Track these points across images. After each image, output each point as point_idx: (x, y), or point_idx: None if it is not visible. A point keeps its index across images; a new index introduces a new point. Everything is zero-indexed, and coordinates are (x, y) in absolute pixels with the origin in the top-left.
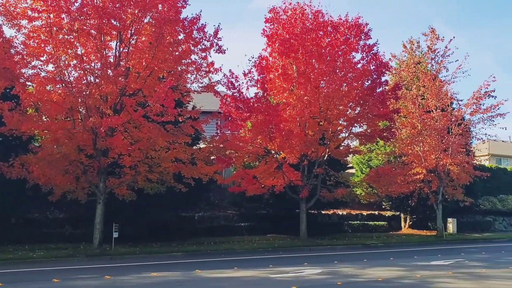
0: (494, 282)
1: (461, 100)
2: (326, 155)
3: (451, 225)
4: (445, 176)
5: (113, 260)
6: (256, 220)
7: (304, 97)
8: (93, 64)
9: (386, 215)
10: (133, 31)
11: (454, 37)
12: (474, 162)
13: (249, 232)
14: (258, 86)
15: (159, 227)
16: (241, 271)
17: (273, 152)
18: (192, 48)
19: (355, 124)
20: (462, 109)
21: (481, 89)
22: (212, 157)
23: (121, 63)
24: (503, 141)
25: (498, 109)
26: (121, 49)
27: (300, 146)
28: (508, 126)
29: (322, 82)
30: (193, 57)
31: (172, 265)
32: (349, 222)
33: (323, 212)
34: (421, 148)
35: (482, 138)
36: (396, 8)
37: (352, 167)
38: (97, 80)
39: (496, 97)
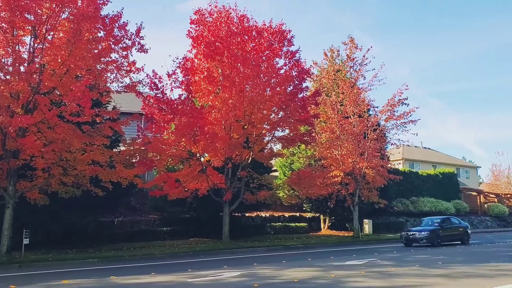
0: (401, 279)
1: (377, 107)
2: (250, 158)
3: (367, 226)
4: (362, 179)
5: (22, 268)
6: (179, 224)
7: (229, 100)
8: (3, 60)
9: (307, 217)
10: (49, 27)
11: (371, 47)
12: (389, 166)
13: (172, 237)
14: (183, 87)
15: (76, 232)
16: (158, 276)
17: (197, 155)
18: (113, 46)
19: (278, 128)
20: (377, 115)
21: (395, 97)
22: (133, 160)
23: (36, 59)
24: (415, 146)
25: (410, 116)
26: (36, 45)
27: (225, 149)
28: (420, 133)
29: (247, 86)
30: (113, 55)
31: (86, 272)
32: (272, 224)
33: (246, 214)
34: (339, 152)
35: (395, 143)
36: (318, 18)
37: (276, 170)
38: (7, 77)
39: (408, 104)
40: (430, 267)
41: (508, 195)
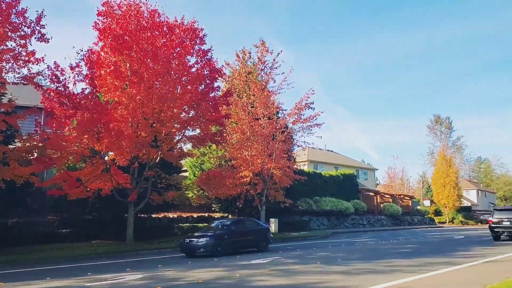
0: (304, 277)
1: (286, 110)
2: (159, 157)
3: (273, 225)
4: (269, 179)
5: None
6: (80, 225)
7: (136, 96)
8: None
9: (216, 217)
10: None
11: (281, 51)
12: (295, 167)
13: (73, 239)
14: (87, 81)
15: None
16: (54, 281)
17: (101, 153)
18: (10, 34)
19: (189, 127)
20: (286, 118)
21: (302, 101)
22: (30, 157)
23: None
24: (320, 149)
25: (316, 119)
26: None
27: (131, 148)
28: (324, 136)
29: (156, 83)
30: (10, 43)
31: None
32: (180, 224)
33: (153, 215)
34: (249, 153)
35: (302, 145)
36: (233, 22)
37: (186, 170)
38: None
39: (314, 108)
40: (331, 264)
41: (402, 196)
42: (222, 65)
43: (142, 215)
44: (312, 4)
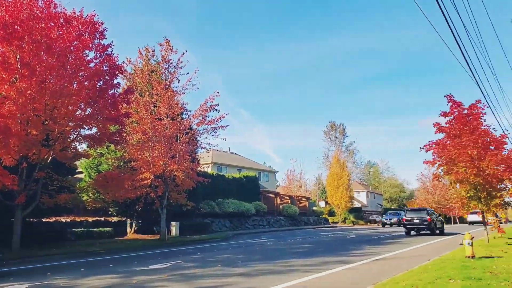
0: (204, 280)
1: (190, 111)
2: (51, 157)
3: (174, 228)
4: (171, 182)
5: None
6: None
7: (27, 91)
8: None
9: (113, 221)
10: None
11: (186, 51)
12: (199, 169)
13: None
14: None
15: None
16: None
17: None
18: None
19: (85, 126)
20: (190, 119)
21: (207, 103)
22: None
23: None
24: (224, 151)
25: (221, 121)
26: None
27: (20, 147)
28: (229, 139)
29: (50, 77)
30: None
31: None
32: (73, 229)
33: (44, 219)
34: (151, 154)
35: (206, 147)
36: (139, 21)
37: (81, 172)
38: None
39: (219, 110)
40: (232, 266)
41: (299, 197)
42: (124, 62)
43: (31, 219)
44: (220, 9)
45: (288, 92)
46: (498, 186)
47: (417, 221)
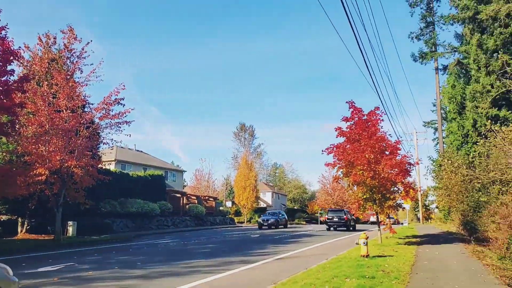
0: (99, 284)
1: (93, 104)
2: None
3: (71, 228)
4: (69, 179)
5: None
6: None
7: None
8: None
9: (1, 220)
10: None
11: (91, 41)
12: (100, 166)
13: None
14: None
15: None
16: None
17: None
18: None
19: None
20: (92, 112)
21: (111, 96)
22: None
23: None
24: (129, 148)
25: (126, 116)
26: None
27: None
28: (136, 137)
29: None
30: None
31: None
32: None
33: None
34: (47, 148)
35: (109, 143)
36: (38, 7)
37: None
38: None
39: (124, 105)
40: (130, 268)
41: (207, 197)
42: (20, 47)
43: None
44: (136, 2)
45: (200, 92)
46: (392, 189)
47: (336, 219)
